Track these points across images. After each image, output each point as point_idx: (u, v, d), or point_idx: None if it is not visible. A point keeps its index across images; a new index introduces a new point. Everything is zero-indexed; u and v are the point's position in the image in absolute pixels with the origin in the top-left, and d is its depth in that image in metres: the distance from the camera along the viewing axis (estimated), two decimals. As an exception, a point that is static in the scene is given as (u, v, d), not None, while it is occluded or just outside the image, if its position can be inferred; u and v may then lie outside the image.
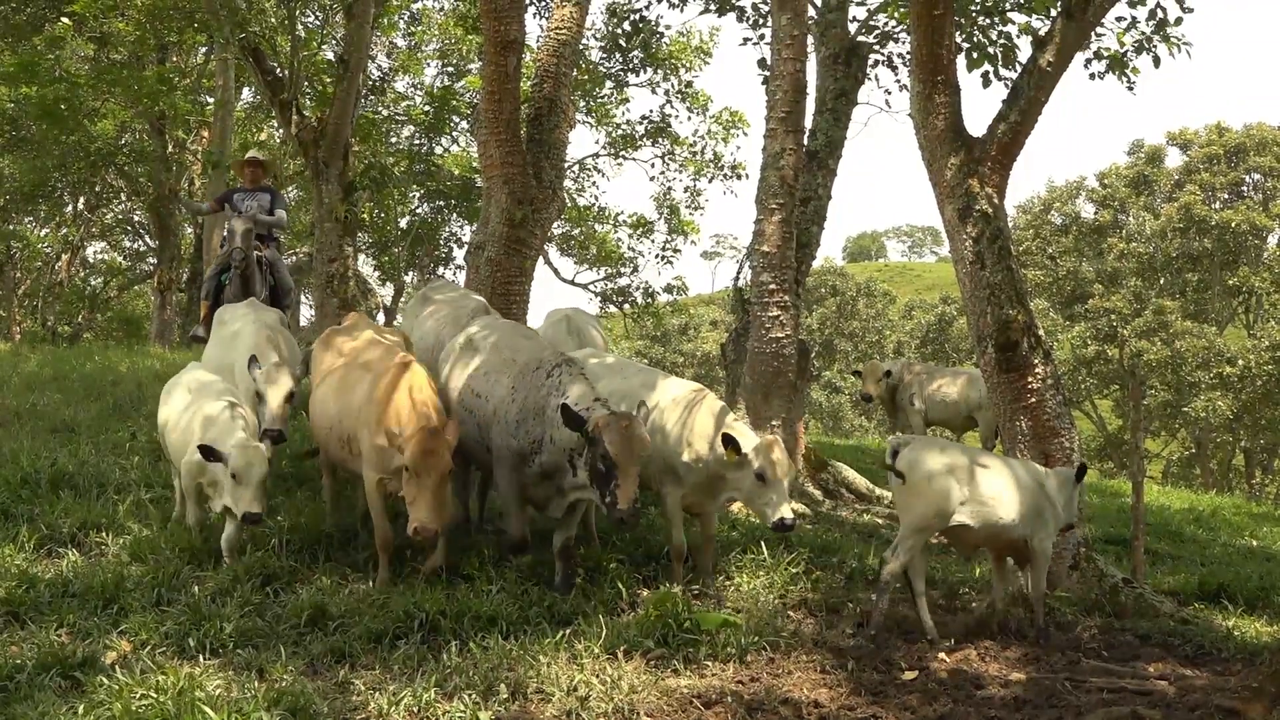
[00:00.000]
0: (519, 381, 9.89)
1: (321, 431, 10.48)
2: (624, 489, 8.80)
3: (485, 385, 10.18)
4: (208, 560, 9.64)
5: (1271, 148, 52.69)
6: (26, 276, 38.92)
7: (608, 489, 8.89)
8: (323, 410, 10.37)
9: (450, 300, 13.76)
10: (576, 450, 9.18)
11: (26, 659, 7.53)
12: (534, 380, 9.76)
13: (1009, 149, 12.55)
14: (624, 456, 8.80)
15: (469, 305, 13.33)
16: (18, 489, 10.96)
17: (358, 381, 9.99)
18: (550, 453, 9.45)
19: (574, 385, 9.50)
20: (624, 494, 8.79)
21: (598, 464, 8.93)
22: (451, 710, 7.14)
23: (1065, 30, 12.77)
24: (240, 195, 15.62)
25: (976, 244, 12.19)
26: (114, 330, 39.60)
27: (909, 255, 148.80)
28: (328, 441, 10.34)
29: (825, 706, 7.93)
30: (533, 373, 9.84)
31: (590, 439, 8.92)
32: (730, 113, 32.52)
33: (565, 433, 9.14)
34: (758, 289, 14.43)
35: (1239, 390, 46.60)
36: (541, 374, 9.78)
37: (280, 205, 15.91)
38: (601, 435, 8.82)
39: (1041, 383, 11.94)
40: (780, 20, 14.90)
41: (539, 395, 9.62)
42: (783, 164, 14.57)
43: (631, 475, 8.85)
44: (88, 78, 27.79)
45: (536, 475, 9.65)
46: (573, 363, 9.92)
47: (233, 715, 6.49)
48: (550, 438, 9.41)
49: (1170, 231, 51.39)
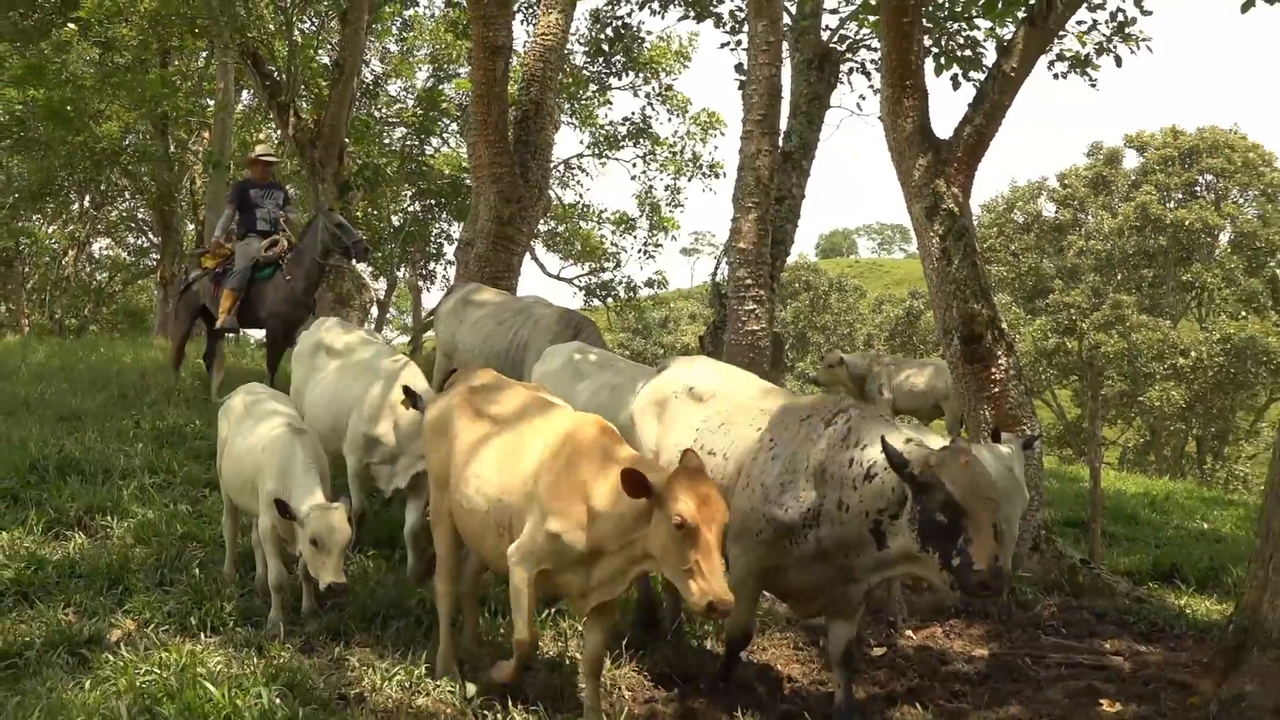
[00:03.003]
0: (778, 433, 7.33)
1: (473, 521, 7.21)
2: (979, 544, 6.21)
3: (721, 440, 7.67)
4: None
5: (1223, 150, 52.80)
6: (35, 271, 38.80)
7: (954, 547, 6.28)
8: (476, 490, 7.13)
9: (499, 304, 13.83)
10: (889, 511, 6.65)
11: (35, 637, 7.52)
12: (804, 431, 7.21)
13: (974, 150, 12.56)
14: (974, 498, 6.26)
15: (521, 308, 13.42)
16: (26, 474, 10.92)
17: (526, 448, 6.98)
18: (836, 524, 6.84)
19: (872, 429, 6.93)
20: (980, 550, 6.20)
21: (935, 516, 6.33)
22: (441, 684, 7.15)
23: (1028, 37, 12.79)
24: (256, 192, 15.46)
25: (943, 241, 12.20)
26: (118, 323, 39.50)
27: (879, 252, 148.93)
28: (481, 533, 7.17)
29: (798, 681, 7.95)
30: (800, 422, 7.29)
31: (920, 485, 6.38)
32: (708, 114, 32.60)
33: (868, 491, 6.71)
34: (734, 284, 14.43)
35: (1191, 381, 46.75)
36: (815, 423, 7.21)
37: (291, 203, 15.89)
38: (939, 476, 6.30)
39: (1004, 373, 11.96)
40: (756, 27, 14.90)
41: (815, 450, 7.04)
42: (758, 164, 14.57)
43: (987, 526, 6.28)
44: (93, 81, 27.80)
45: (805, 555, 7.01)
46: (860, 405, 7.43)
47: (233, 690, 6.48)
48: (840, 503, 6.83)
49: (1127, 230, 51.51)
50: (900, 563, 6.74)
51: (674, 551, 5.97)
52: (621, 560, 6.38)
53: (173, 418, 13.69)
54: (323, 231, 14.46)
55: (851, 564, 6.88)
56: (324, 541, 7.64)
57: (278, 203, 15.44)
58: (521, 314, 13.22)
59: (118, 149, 30.85)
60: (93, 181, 34.06)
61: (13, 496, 10.37)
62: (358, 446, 9.46)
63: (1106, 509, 14.26)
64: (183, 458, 12.10)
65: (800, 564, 7.02)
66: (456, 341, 13.39)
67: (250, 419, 8.91)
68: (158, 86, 27.79)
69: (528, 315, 13.13)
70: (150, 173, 32.54)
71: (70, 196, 36.16)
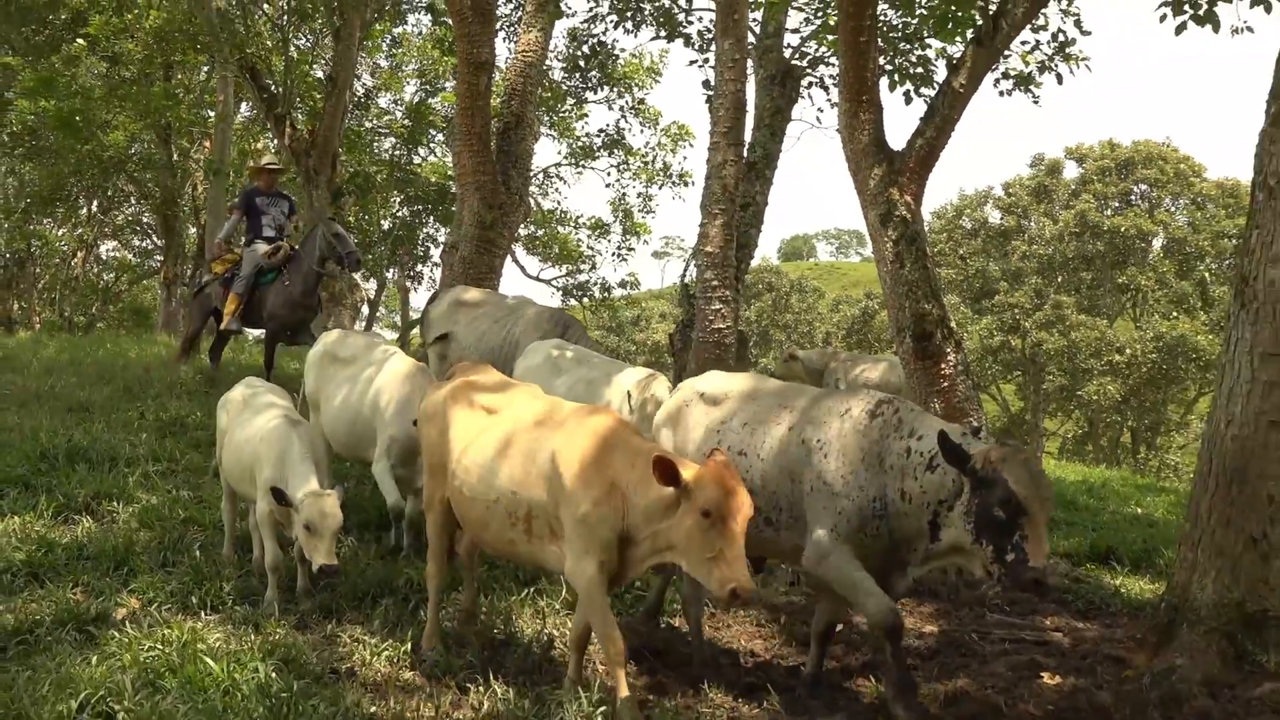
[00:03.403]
0: (821, 432, 6.92)
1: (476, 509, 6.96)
2: (1035, 541, 5.95)
3: (749, 439, 7.22)
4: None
5: (1156, 162, 53.10)
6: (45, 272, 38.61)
7: (1010, 542, 5.99)
8: (481, 479, 6.90)
9: (490, 304, 13.80)
10: (946, 503, 6.35)
11: (45, 615, 7.48)
12: (848, 425, 6.82)
13: (926, 161, 12.58)
14: (1034, 497, 6.00)
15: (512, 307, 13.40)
16: (37, 462, 10.88)
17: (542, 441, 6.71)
18: (901, 515, 6.52)
19: (922, 420, 6.73)
20: (1036, 547, 5.94)
21: (993, 511, 6.04)
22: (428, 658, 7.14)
23: (976, 55, 12.82)
24: (262, 200, 15.38)
25: (896, 245, 12.21)
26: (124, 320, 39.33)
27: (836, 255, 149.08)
28: (486, 520, 6.92)
29: (760, 655, 7.96)
30: (839, 418, 6.89)
31: (981, 480, 6.09)
32: (678, 127, 32.62)
33: (930, 482, 6.40)
34: (702, 285, 14.43)
35: (1127, 376, 47.06)
36: (858, 415, 6.83)
37: (296, 213, 15.84)
38: (1002, 473, 6.02)
39: (953, 369, 11.98)
40: (723, 45, 14.91)
41: (867, 441, 6.68)
42: (725, 173, 14.58)
43: (1043, 524, 6.05)
44: (101, 93, 27.66)
45: (880, 550, 6.64)
46: (897, 398, 7.07)
47: (231, 664, 6.46)
48: (903, 493, 6.50)
49: (1067, 235, 51.75)
50: (947, 554, 6.47)
51: (699, 540, 5.83)
52: (645, 549, 6.23)
53: (175, 409, 13.66)
54: (321, 240, 14.44)
55: (906, 556, 6.61)
56: (316, 526, 7.60)
57: (283, 211, 15.39)
58: (514, 313, 13.24)
59: (124, 157, 30.70)
60: (100, 187, 33.95)
61: (24, 483, 10.33)
62: (393, 449, 9.30)
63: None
64: (184, 447, 12.08)
65: (873, 561, 6.61)
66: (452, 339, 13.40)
67: (249, 411, 8.89)
68: (161, 98, 27.69)
69: (519, 314, 13.16)
70: (154, 179, 32.42)
71: (79, 201, 36.00)
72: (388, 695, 6.51)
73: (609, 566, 6.30)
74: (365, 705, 6.27)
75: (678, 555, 6.02)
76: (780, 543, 6.97)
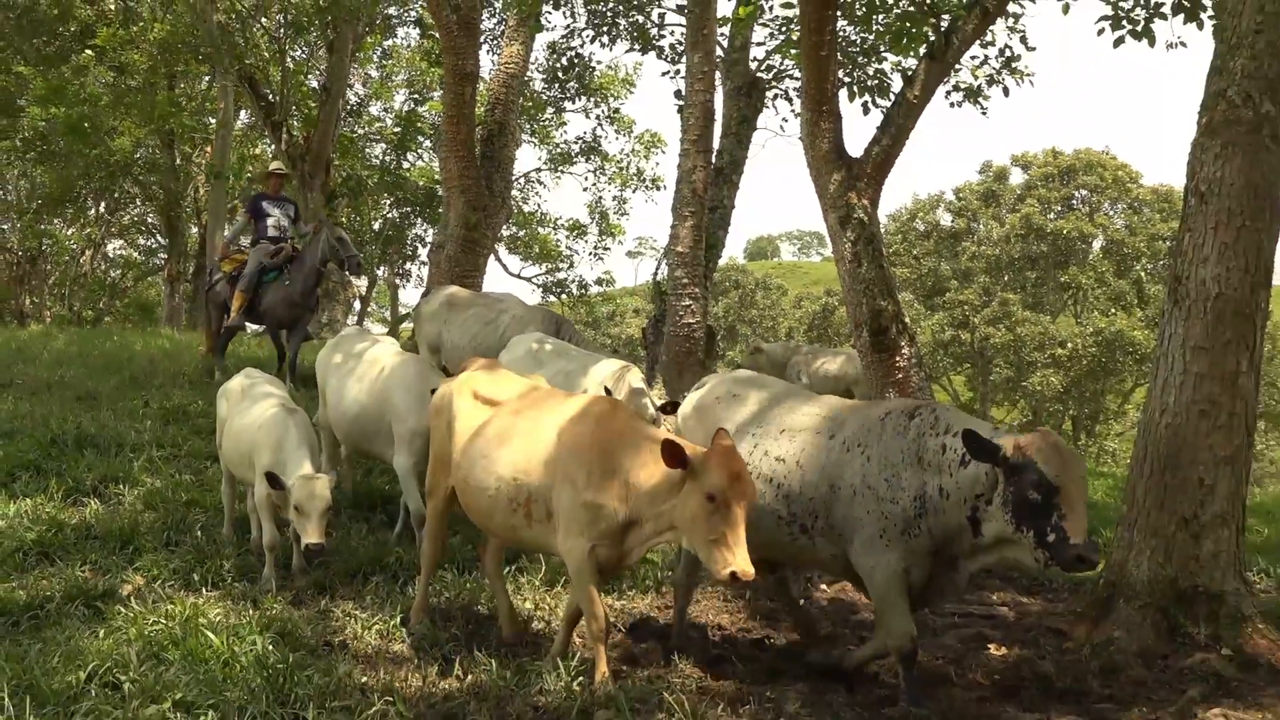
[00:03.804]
0: (862, 437, 6.53)
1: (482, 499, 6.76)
2: (1073, 519, 5.65)
3: (787, 446, 6.80)
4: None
5: (1096, 169, 53.28)
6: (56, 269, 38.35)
7: (1049, 524, 5.69)
8: (484, 469, 6.72)
9: (480, 305, 13.74)
10: (985, 497, 6.00)
11: (55, 591, 7.45)
12: (889, 428, 6.47)
13: (882, 167, 12.60)
14: (1066, 476, 5.71)
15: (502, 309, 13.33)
16: (48, 448, 10.83)
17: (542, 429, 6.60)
18: (940, 512, 6.17)
19: (958, 418, 6.38)
20: (1075, 525, 5.64)
21: (1028, 495, 5.75)
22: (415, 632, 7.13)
23: (929, 69, 12.85)
24: (268, 203, 15.34)
25: (854, 246, 12.23)
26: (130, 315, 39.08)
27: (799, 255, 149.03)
28: (490, 509, 6.72)
29: (727, 629, 7.96)
30: (880, 421, 6.54)
31: (1012, 466, 5.81)
32: (651, 134, 32.66)
33: (965, 477, 6.06)
34: (673, 282, 14.46)
35: (1068, 368, 47.24)
36: (898, 418, 6.50)
37: (299, 216, 15.78)
38: (1031, 457, 5.76)
39: (907, 361, 12.00)
40: (693, 58, 14.92)
41: (906, 442, 6.35)
42: (694, 178, 14.61)
43: (1079, 502, 5.73)
44: (108, 101, 27.50)
45: (923, 550, 6.29)
46: (934, 401, 6.76)
47: (231, 638, 6.44)
48: (941, 490, 6.15)
49: (1013, 237, 51.91)
50: (994, 548, 6.09)
51: (703, 522, 5.68)
52: (648, 530, 6.10)
53: (178, 398, 13.60)
54: (324, 243, 14.44)
55: (955, 554, 6.27)
56: (304, 507, 7.59)
57: (287, 214, 15.36)
58: (506, 313, 13.21)
59: (129, 161, 30.57)
60: (107, 190, 33.80)
61: (35, 467, 10.29)
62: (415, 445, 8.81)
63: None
64: (187, 433, 12.03)
65: (921, 562, 6.28)
66: (442, 340, 13.37)
67: (248, 400, 8.87)
68: (165, 106, 27.61)
69: (511, 314, 13.13)
70: (158, 182, 32.29)
71: (87, 203, 35.83)
72: (378, 666, 6.49)
73: (608, 549, 6.19)
74: (356, 676, 6.25)
75: (682, 535, 5.93)
76: (816, 551, 6.66)
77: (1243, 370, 7.46)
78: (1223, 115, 7.58)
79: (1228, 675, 7.10)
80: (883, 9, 14.24)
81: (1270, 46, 7.51)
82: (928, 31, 13.15)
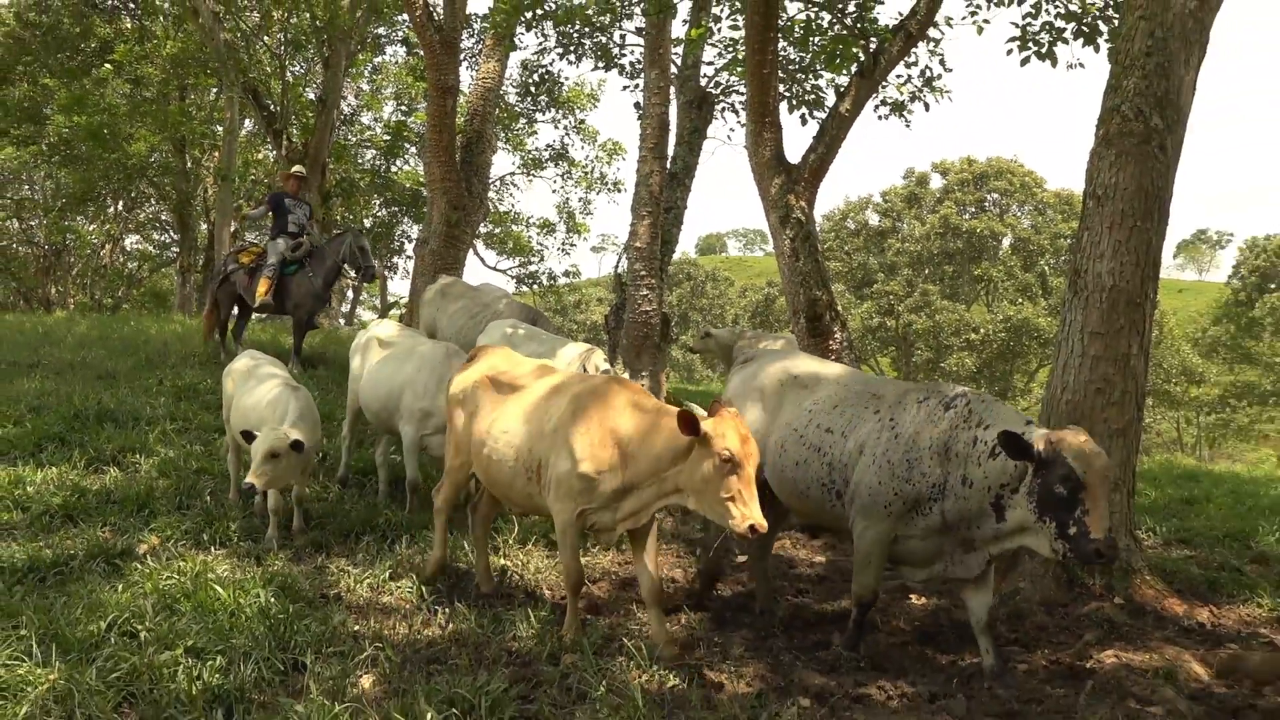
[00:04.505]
0: (898, 414, 6.29)
1: (503, 471, 6.61)
2: (1096, 515, 5.40)
3: (839, 420, 6.54)
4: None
5: (1006, 175, 53.68)
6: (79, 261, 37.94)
7: (1071, 517, 5.45)
8: (506, 444, 6.57)
9: (473, 296, 13.71)
10: (1010, 486, 5.76)
11: (78, 550, 7.40)
12: (924, 412, 6.20)
13: (817, 173, 12.64)
14: (1092, 473, 5.44)
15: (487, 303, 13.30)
16: (71, 421, 10.75)
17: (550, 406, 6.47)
18: (959, 498, 5.92)
19: (992, 410, 6.05)
20: (1097, 520, 5.38)
21: (1054, 488, 5.51)
22: (400, 586, 7.10)
23: (859, 86, 12.89)
24: (290, 202, 15.25)
25: (793, 243, 12.25)
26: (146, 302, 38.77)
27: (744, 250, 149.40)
28: (510, 480, 6.59)
29: (680, 582, 7.97)
30: (918, 404, 6.28)
31: (1042, 461, 5.56)
32: (613, 143, 32.54)
33: (992, 468, 5.79)
34: (632, 274, 14.43)
35: (981, 351, 47.69)
36: (935, 405, 6.20)
37: (313, 215, 15.71)
38: (1060, 452, 5.50)
39: (839, 345, 12.05)
40: (650, 75, 14.89)
41: (937, 431, 6.06)
42: (651, 182, 14.57)
43: (1103, 497, 5.46)
44: (125, 110, 27.24)
45: (929, 527, 6.07)
46: (977, 391, 6.36)
47: (237, 591, 6.42)
48: (964, 478, 5.90)
49: (933, 235, 52.27)
50: (1015, 534, 5.79)
51: (717, 482, 5.57)
52: (650, 494, 5.97)
53: (189, 377, 13.50)
54: (347, 248, 14.52)
55: (972, 535, 5.96)
56: (252, 452, 7.59)
57: (305, 213, 15.32)
58: (488, 308, 13.22)
59: (145, 164, 30.26)
60: (124, 190, 33.51)
61: (60, 439, 10.20)
62: (415, 419, 8.80)
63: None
64: (196, 409, 11.94)
65: (925, 535, 6.07)
66: (437, 326, 13.41)
67: (253, 380, 8.83)
68: (177, 115, 27.42)
69: (493, 309, 13.15)
70: (171, 183, 32.00)
71: (107, 202, 35.50)
72: (369, 616, 6.48)
73: (601, 513, 6.09)
74: (350, 624, 6.24)
75: (690, 497, 5.80)
76: (847, 516, 6.38)
77: (1134, 353, 7.52)
78: (1117, 128, 7.63)
79: (1119, 621, 7.19)
80: (818, 31, 14.27)
81: (1159, 68, 7.56)
82: (858, 52, 13.18)
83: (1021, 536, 5.75)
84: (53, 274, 36.79)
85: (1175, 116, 7.64)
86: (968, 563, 6.07)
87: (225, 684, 5.23)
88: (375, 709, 4.99)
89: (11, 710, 4.85)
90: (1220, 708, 5.83)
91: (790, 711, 5.17)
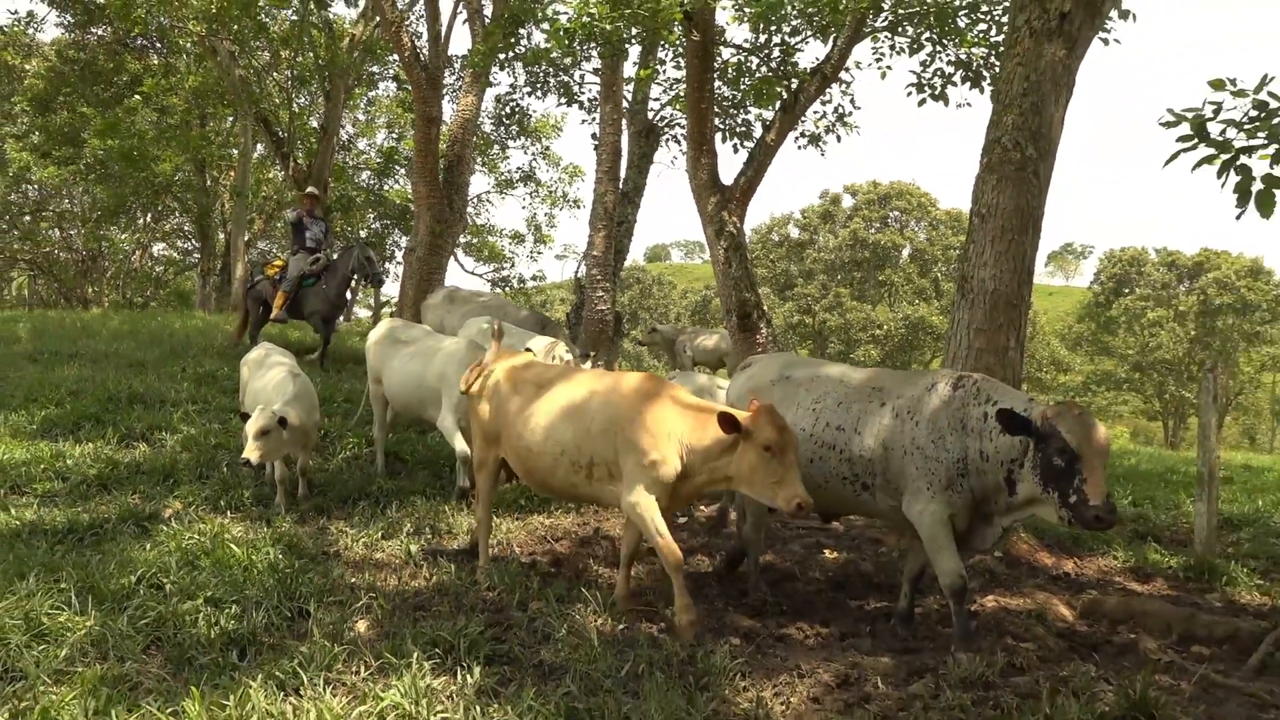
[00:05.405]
0: (911, 404, 5.86)
1: (544, 461, 6.18)
2: (1093, 481, 5.12)
3: (847, 417, 6.07)
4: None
5: (905, 195, 54.09)
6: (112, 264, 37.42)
7: (1071, 486, 5.17)
8: (546, 438, 6.15)
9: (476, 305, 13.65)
10: (1018, 461, 5.44)
11: (112, 514, 7.33)
12: (934, 397, 5.81)
13: (747, 193, 12.67)
14: (1086, 444, 5.17)
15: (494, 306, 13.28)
16: (105, 404, 10.66)
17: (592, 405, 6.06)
18: (980, 473, 5.59)
19: (997, 389, 5.72)
20: (1094, 487, 5.10)
21: (1053, 460, 5.23)
22: (392, 545, 7.07)
23: (782, 119, 12.93)
24: (308, 221, 14.98)
25: (726, 252, 12.29)
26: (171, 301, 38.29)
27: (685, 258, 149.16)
28: (552, 469, 6.16)
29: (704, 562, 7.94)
30: (928, 391, 5.87)
31: (1040, 434, 5.28)
32: (573, 166, 32.47)
33: (1003, 443, 5.48)
34: (589, 279, 14.43)
35: (884, 344, 48.06)
36: (943, 389, 5.83)
37: (329, 232, 15.50)
38: (1056, 426, 5.23)
39: (765, 339, 12.11)
40: (605, 108, 14.88)
41: (951, 409, 5.72)
42: (606, 200, 14.58)
43: (1099, 466, 5.17)
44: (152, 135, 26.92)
45: (965, 505, 5.68)
46: (977, 374, 5.97)
47: (249, 549, 6.38)
48: (981, 453, 5.56)
49: (844, 246, 52.63)
50: (1025, 506, 5.49)
51: (764, 469, 5.41)
52: (701, 480, 5.73)
53: (208, 365, 13.40)
54: (355, 258, 14.30)
55: (990, 509, 5.65)
56: (246, 429, 7.49)
57: (321, 230, 15.06)
58: (502, 310, 13.23)
59: (170, 182, 29.90)
60: (152, 204, 33.12)
61: (96, 419, 10.10)
62: (456, 408, 8.41)
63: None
64: (215, 393, 11.82)
65: (962, 513, 5.68)
66: (445, 327, 13.33)
67: (264, 368, 8.84)
68: (198, 140, 27.16)
69: (511, 316, 13.19)
70: (193, 198, 31.62)
71: (136, 214, 35.07)
72: (364, 570, 6.44)
73: (666, 500, 5.74)
74: (347, 577, 6.20)
75: (740, 484, 5.58)
76: (876, 504, 6.01)
77: (1011, 346, 7.61)
78: (998, 157, 7.71)
79: (998, 571, 7.30)
80: (748, 73, 14.30)
81: (1033, 106, 7.64)
82: (781, 91, 13.24)
83: (1032, 507, 5.47)
84: (89, 276, 36.32)
85: (1047, 147, 7.73)
86: (984, 535, 5.77)
87: (240, 629, 5.20)
88: (369, 649, 4.97)
89: (53, 652, 4.81)
90: (1082, 643, 5.94)
91: (723, 649, 5.20)
